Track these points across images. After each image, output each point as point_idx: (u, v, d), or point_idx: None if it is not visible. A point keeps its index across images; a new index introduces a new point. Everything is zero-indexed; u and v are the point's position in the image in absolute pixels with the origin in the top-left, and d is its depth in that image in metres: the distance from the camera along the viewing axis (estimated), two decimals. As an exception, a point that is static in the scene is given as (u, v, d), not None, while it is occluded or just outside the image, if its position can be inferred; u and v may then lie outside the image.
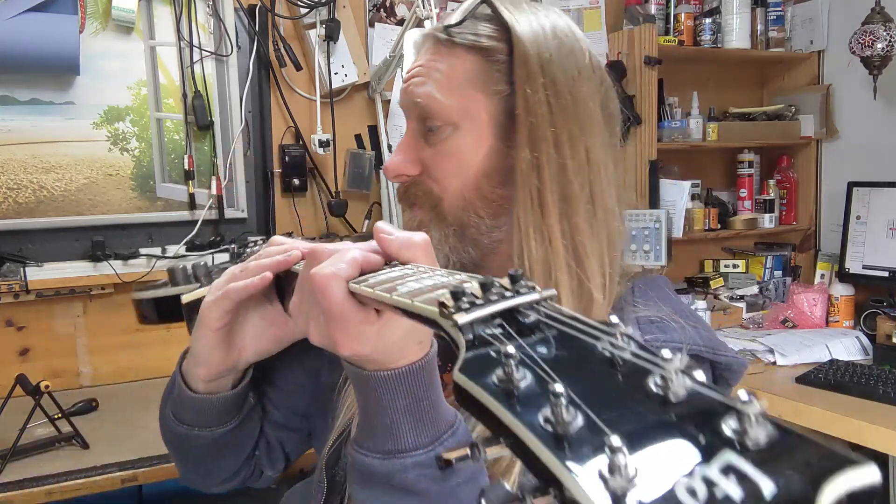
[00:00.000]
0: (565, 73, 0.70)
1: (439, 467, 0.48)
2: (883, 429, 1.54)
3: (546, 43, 0.71)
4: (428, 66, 0.73)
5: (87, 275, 1.78)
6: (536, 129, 0.69)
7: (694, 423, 0.26)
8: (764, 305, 2.43)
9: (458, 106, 0.71)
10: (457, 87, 0.72)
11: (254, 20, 1.95)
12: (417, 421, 0.59)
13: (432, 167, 0.73)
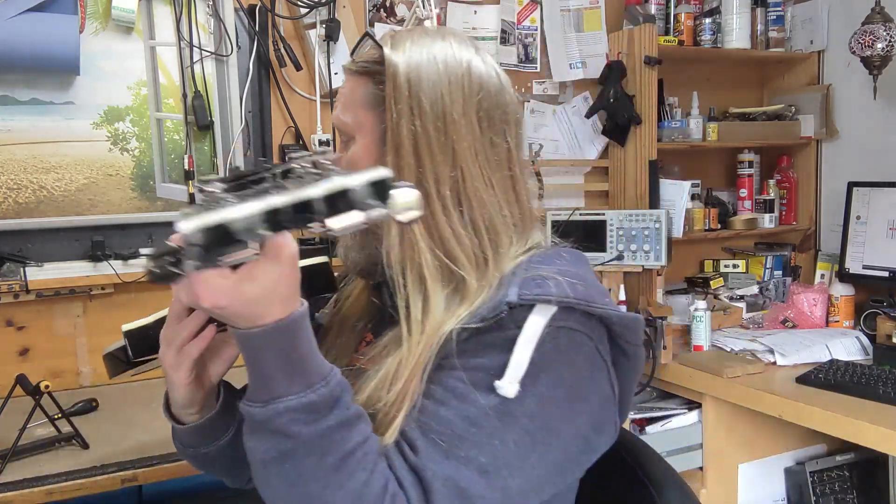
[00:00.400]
0: (430, 85, 0.83)
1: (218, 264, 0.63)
2: (883, 429, 1.54)
3: (415, 62, 0.84)
4: (342, 93, 0.90)
5: (87, 275, 1.78)
6: (399, 139, 0.82)
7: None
8: (764, 305, 2.43)
9: (354, 122, 0.87)
10: (353, 107, 0.88)
11: (254, 20, 1.95)
12: (288, 372, 0.69)
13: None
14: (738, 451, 2.02)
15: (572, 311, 0.77)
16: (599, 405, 0.81)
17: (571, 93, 2.40)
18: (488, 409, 0.73)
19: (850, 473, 2.10)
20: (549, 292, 0.76)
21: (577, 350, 0.78)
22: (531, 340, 0.75)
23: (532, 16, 2.31)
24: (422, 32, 0.88)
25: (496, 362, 0.75)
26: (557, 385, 0.76)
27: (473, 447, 0.72)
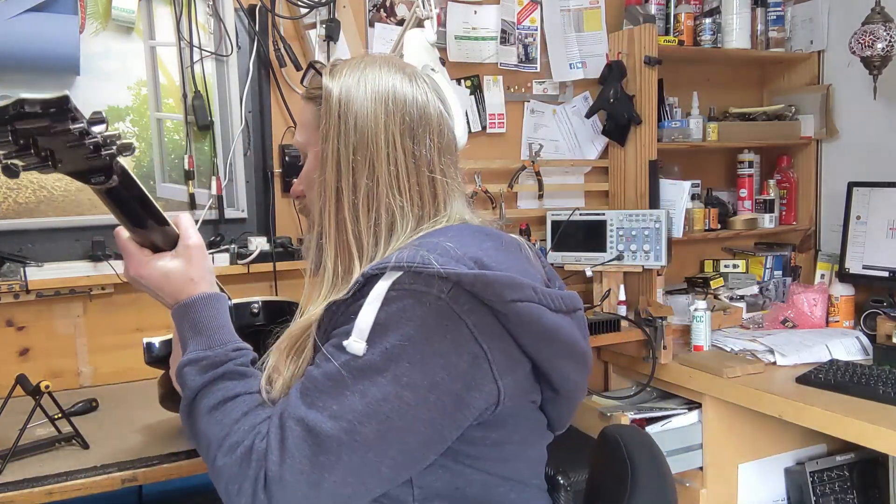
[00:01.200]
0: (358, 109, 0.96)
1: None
2: (883, 429, 1.54)
3: (346, 88, 0.97)
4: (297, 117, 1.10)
5: (87, 275, 1.78)
6: (325, 154, 0.97)
7: None
8: (764, 305, 2.43)
9: (304, 140, 1.04)
10: (304, 127, 1.05)
11: (254, 20, 1.95)
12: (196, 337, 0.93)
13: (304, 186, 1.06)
14: (738, 451, 2.02)
15: (419, 274, 0.83)
16: (467, 362, 0.84)
17: (571, 93, 2.40)
18: (342, 366, 0.83)
19: (850, 473, 2.10)
20: (390, 259, 0.85)
21: (425, 309, 0.83)
22: (374, 302, 0.84)
23: (532, 16, 2.31)
24: (359, 61, 1.01)
25: (349, 326, 0.85)
26: (405, 342, 0.82)
27: (329, 397, 0.83)
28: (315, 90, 1.01)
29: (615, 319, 2.05)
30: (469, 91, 2.25)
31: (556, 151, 2.38)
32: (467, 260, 0.85)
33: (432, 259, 0.83)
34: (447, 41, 2.19)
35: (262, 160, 2.00)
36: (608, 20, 2.37)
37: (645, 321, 2.06)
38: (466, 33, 2.22)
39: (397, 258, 0.84)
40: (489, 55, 2.25)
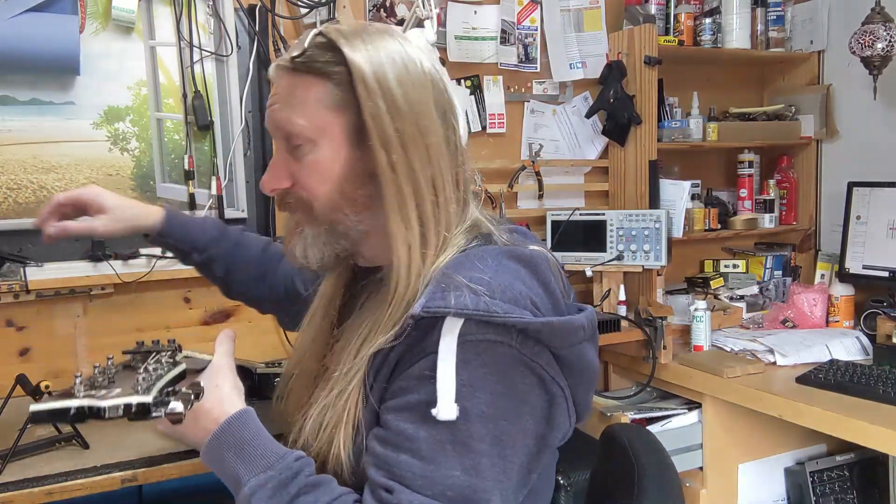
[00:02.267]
0: (400, 85, 0.84)
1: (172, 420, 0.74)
2: (883, 429, 1.54)
3: (378, 62, 0.84)
4: (284, 94, 0.87)
5: (87, 275, 1.78)
6: (385, 136, 0.83)
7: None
8: (764, 305, 2.43)
9: (313, 125, 0.86)
10: (310, 110, 0.86)
11: (254, 20, 1.95)
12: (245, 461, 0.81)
13: (301, 179, 0.88)
14: (738, 451, 2.02)
15: (487, 324, 0.78)
16: (548, 403, 0.83)
17: (571, 93, 2.40)
18: (438, 441, 0.76)
19: (850, 473, 2.10)
20: (449, 304, 0.77)
21: (501, 359, 0.79)
22: (448, 359, 0.77)
23: (532, 16, 2.31)
24: (368, 30, 0.88)
25: (428, 393, 0.77)
26: (494, 397, 0.78)
27: (437, 483, 0.75)
28: (325, 64, 0.85)
29: (615, 319, 2.05)
30: (469, 91, 2.25)
31: (556, 151, 2.38)
32: (526, 301, 0.81)
33: (496, 307, 0.77)
34: (447, 41, 2.19)
35: (262, 160, 2.00)
36: (608, 20, 2.37)
37: (645, 321, 2.06)
38: (466, 33, 2.22)
39: (457, 304, 0.77)
40: (489, 55, 2.25)
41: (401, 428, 0.78)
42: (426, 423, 0.77)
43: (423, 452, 0.76)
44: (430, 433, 0.76)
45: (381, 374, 0.83)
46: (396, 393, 0.81)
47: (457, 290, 0.78)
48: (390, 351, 0.82)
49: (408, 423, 0.78)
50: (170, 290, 1.91)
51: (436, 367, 0.77)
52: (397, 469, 0.77)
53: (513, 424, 0.79)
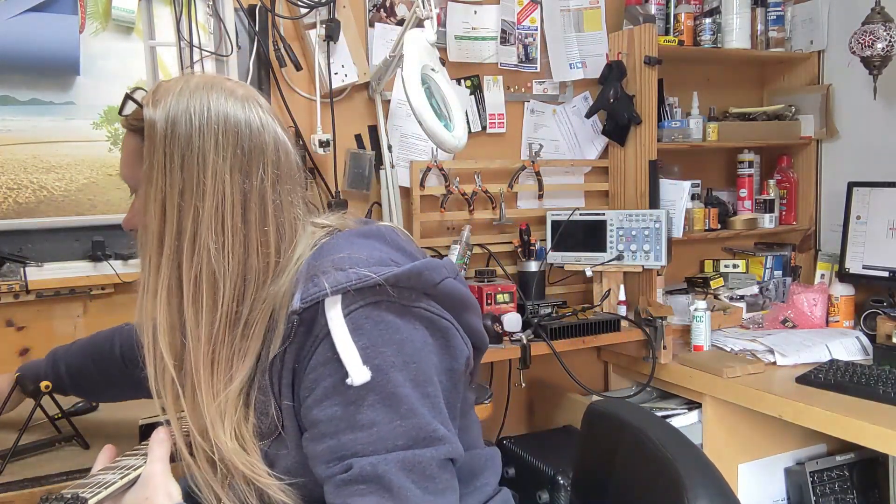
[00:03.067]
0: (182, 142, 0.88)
1: None
2: (883, 429, 1.54)
3: (171, 120, 0.88)
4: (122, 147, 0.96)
5: (87, 275, 1.78)
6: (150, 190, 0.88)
7: None
8: (764, 305, 2.43)
9: (133, 175, 0.93)
10: (130, 161, 0.93)
11: (254, 20, 1.95)
12: None
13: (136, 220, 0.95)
14: (738, 451, 2.02)
15: (362, 289, 0.83)
16: (443, 338, 0.88)
17: (571, 93, 2.40)
18: (367, 406, 0.80)
19: (850, 473, 2.10)
20: (323, 287, 0.82)
21: (388, 314, 0.84)
22: (342, 331, 0.81)
23: (532, 16, 2.31)
24: (184, 85, 0.91)
25: (336, 370, 0.81)
26: (397, 346, 0.83)
27: (385, 440, 0.79)
28: (137, 121, 0.91)
29: (615, 319, 2.05)
30: (469, 91, 2.25)
31: (556, 151, 2.38)
32: (387, 262, 0.87)
33: (364, 272, 0.83)
34: (447, 41, 2.19)
35: (262, 160, 2.00)
36: (608, 20, 2.37)
37: (645, 321, 2.06)
38: (466, 33, 2.22)
39: (331, 284, 0.82)
40: (489, 55, 2.25)
41: (329, 415, 0.81)
42: (348, 397, 0.81)
43: (359, 423, 0.80)
44: (356, 403, 0.80)
45: (283, 377, 0.86)
46: (309, 388, 0.83)
47: (325, 274, 0.83)
48: (284, 354, 0.85)
49: (333, 408, 0.81)
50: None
51: (334, 346, 0.81)
52: (345, 450, 0.80)
53: (423, 364, 0.84)
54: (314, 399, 0.83)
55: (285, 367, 0.85)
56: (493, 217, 2.24)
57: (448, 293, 0.91)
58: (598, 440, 1.15)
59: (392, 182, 2.09)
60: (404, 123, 2.13)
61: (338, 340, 0.81)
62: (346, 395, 0.80)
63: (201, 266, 0.88)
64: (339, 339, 0.81)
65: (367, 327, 0.82)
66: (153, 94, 0.91)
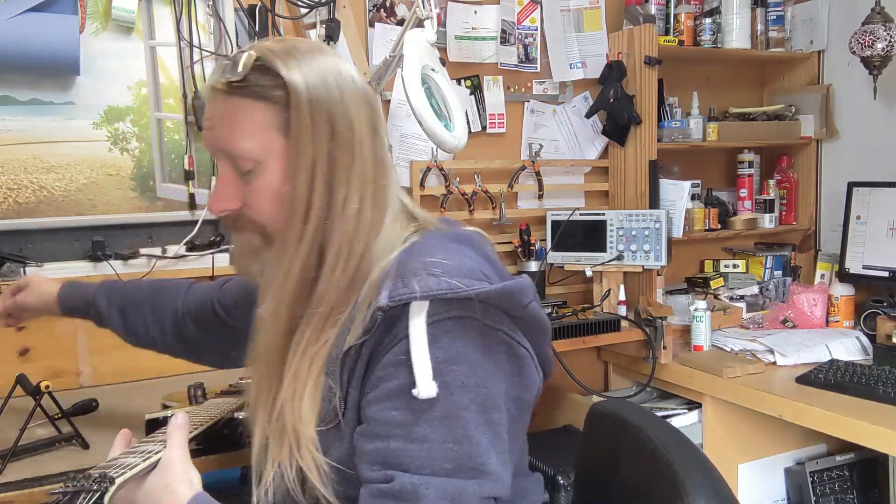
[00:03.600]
0: (331, 108, 0.86)
1: None
2: (883, 429, 1.54)
3: (314, 83, 0.86)
4: (225, 117, 0.88)
5: (87, 275, 1.78)
6: (303, 160, 0.86)
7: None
8: (764, 305, 2.43)
9: (260, 148, 0.87)
10: (255, 133, 0.87)
11: (254, 20, 1.95)
12: None
13: (251, 200, 0.89)
14: (738, 451, 2.02)
15: (450, 300, 0.81)
16: (517, 366, 0.86)
17: (571, 93, 2.40)
18: (425, 420, 0.78)
19: (850, 473, 2.10)
20: (414, 290, 0.80)
21: (469, 332, 0.82)
22: (421, 340, 0.79)
23: (532, 16, 2.31)
24: (300, 48, 0.89)
25: (406, 376, 0.79)
26: (471, 367, 0.80)
27: (434, 460, 0.77)
28: (263, 89, 0.87)
29: (615, 319, 2.05)
30: (469, 91, 2.25)
31: (556, 151, 2.38)
32: (479, 274, 0.85)
33: (457, 283, 0.81)
34: (447, 41, 2.19)
35: (262, 160, 2.00)
36: (608, 20, 2.37)
37: (645, 321, 2.06)
38: (466, 33, 2.22)
39: (422, 288, 0.80)
40: (489, 55, 2.25)
41: (386, 417, 0.80)
42: (410, 405, 0.78)
43: (412, 435, 0.78)
44: (416, 414, 0.78)
45: (356, 369, 0.84)
46: (374, 384, 0.82)
47: (416, 276, 0.81)
48: (361, 346, 0.83)
49: (392, 411, 0.79)
50: (170, 290, 1.91)
51: (409, 351, 0.79)
52: (392, 458, 0.78)
53: (493, 389, 0.81)
54: (376, 396, 0.81)
55: (360, 359, 0.84)
56: (493, 217, 2.24)
57: (531, 318, 0.88)
58: (599, 440, 1.15)
59: (392, 182, 2.08)
60: (404, 123, 2.13)
61: (414, 349, 0.79)
62: (408, 403, 0.79)
63: (346, 233, 0.87)
64: (416, 348, 0.79)
65: (445, 341, 0.80)
66: (278, 57, 0.87)
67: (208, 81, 0.90)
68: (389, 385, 0.80)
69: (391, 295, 0.80)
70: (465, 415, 0.78)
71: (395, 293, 0.81)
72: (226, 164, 0.90)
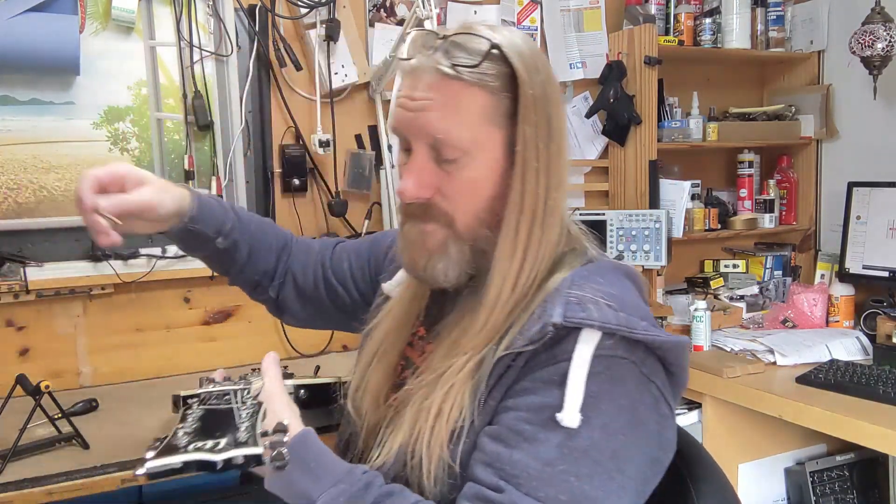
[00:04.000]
0: (550, 106, 0.84)
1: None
2: (883, 429, 1.54)
3: (539, 81, 0.83)
4: (445, 102, 0.82)
5: (87, 275, 1.78)
6: (529, 160, 0.82)
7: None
8: (764, 305, 2.43)
9: (472, 138, 0.82)
10: (472, 122, 0.82)
11: (254, 20, 1.95)
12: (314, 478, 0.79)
13: (448, 191, 0.84)
14: (738, 451, 2.01)
15: (622, 339, 0.78)
16: (659, 425, 0.82)
17: (571, 93, 2.40)
18: (557, 445, 0.75)
19: (850, 473, 2.09)
20: (592, 317, 0.77)
21: (626, 376, 0.79)
22: (582, 370, 0.76)
23: (532, 16, 2.31)
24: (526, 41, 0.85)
25: (554, 398, 0.77)
26: (617, 412, 0.77)
27: (551, 486, 0.74)
28: (488, 77, 0.82)
29: (615, 319, 2.05)
30: (469, 91, 2.25)
31: (556, 151, 2.38)
32: (651, 318, 0.83)
33: (635, 323, 0.78)
34: (447, 41, 2.19)
35: (262, 160, 2.00)
36: (608, 20, 2.37)
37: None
38: (466, 33, 2.22)
39: (600, 318, 0.77)
40: (489, 55, 2.25)
41: (520, 427, 0.77)
42: (546, 426, 0.76)
43: (540, 454, 0.75)
44: (549, 436, 0.76)
45: (505, 376, 0.81)
46: (518, 393, 0.80)
47: (594, 304, 0.79)
48: (518, 354, 0.80)
49: (527, 424, 0.77)
50: (170, 290, 1.91)
51: (566, 375, 0.77)
52: (510, 468, 0.76)
53: (631, 442, 0.78)
54: (515, 404, 0.79)
55: (513, 367, 0.81)
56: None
57: (682, 380, 0.85)
58: None
59: (392, 182, 2.09)
60: (404, 123, 2.13)
61: (573, 375, 0.76)
62: (546, 423, 0.76)
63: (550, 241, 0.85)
64: (575, 375, 0.76)
65: (603, 378, 0.77)
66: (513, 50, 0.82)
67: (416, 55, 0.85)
68: (534, 399, 0.78)
69: (567, 315, 0.78)
70: (597, 456, 0.76)
71: (571, 314, 0.78)
72: (425, 149, 0.84)
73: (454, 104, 0.82)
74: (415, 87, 0.84)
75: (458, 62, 0.81)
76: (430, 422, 0.82)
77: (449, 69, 0.81)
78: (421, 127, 0.83)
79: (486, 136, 0.83)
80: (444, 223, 0.85)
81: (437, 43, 0.84)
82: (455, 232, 0.85)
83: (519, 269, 0.84)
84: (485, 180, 0.84)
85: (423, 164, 0.84)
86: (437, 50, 0.83)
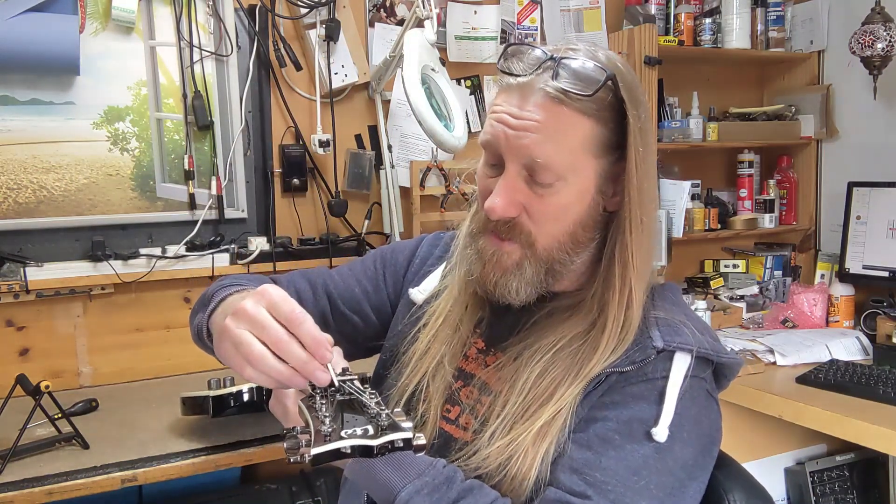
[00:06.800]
0: (649, 135, 0.85)
1: None
2: (883, 429, 1.54)
3: (643, 113, 0.84)
4: (549, 126, 0.81)
5: (87, 275, 1.78)
6: (634, 191, 0.83)
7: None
8: (764, 305, 2.43)
9: (569, 164, 0.82)
10: (573, 149, 0.82)
11: (254, 20, 1.95)
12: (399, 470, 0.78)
13: (535, 212, 0.84)
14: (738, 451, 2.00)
15: (702, 360, 0.84)
16: (712, 442, 0.87)
17: (571, 93, 2.39)
18: (645, 457, 0.79)
19: (850, 473, 2.10)
20: (687, 342, 0.84)
21: (701, 394, 0.85)
22: (677, 388, 0.82)
23: (532, 16, 2.31)
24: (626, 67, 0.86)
25: (649, 413, 0.81)
26: (695, 428, 0.83)
27: (637, 494, 0.78)
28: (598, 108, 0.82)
29: (615, 319, 2.05)
30: (469, 91, 2.25)
31: (556, 151, 2.38)
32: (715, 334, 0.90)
33: (720, 347, 0.86)
34: (447, 41, 2.19)
35: (262, 160, 2.00)
36: (608, 20, 2.37)
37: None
38: (466, 33, 2.22)
39: (697, 343, 0.83)
40: (489, 55, 2.25)
41: (608, 437, 0.80)
42: (634, 437, 0.80)
43: (629, 462, 0.79)
44: (636, 448, 0.80)
45: (594, 392, 0.84)
46: (607, 405, 0.83)
47: (687, 329, 0.85)
48: (614, 373, 0.84)
49: (617, 435, 0.80)
50: (170, 290, 1.91)
51: (663, 392, 0.81)
52: (599, 474, 0.78)
53: (708, 462, 0.85)
54: (605, 416, 0.82)
55: (604, 383, 0.84)
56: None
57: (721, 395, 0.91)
58: None
59: (392, 182, 2.09)
60: (404, 123, 2.13)
61: (669, 394, 0.81)
62: (636, 435, 0.80)
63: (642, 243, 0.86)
64: (671, 394, 0.81)
65: (687, 398, 0.82)
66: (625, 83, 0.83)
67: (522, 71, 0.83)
68: (626, 412, 0.81)
69: (666, 339, 0.83)
70: (679, 473, 0.81)
71: (669, 338, 0.84)
72: (519, 168, 0.83)
73: (559, 129, 0.81)
74: (519, 106, 0.83)
75: (570, 89, 0.80)
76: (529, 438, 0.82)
77: (560, 94, 0.80)
78: (521, 147, 0.82)
79: (583, 164, 0.83)
80: (525, 243, 0.86)
81: (546, 62, 0.82)
82: (534, 253, 0.86)
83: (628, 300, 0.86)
84: (573, 206, 0.84)
85: (514, 183, 0.83)
86: (545, 70, 0.82)
